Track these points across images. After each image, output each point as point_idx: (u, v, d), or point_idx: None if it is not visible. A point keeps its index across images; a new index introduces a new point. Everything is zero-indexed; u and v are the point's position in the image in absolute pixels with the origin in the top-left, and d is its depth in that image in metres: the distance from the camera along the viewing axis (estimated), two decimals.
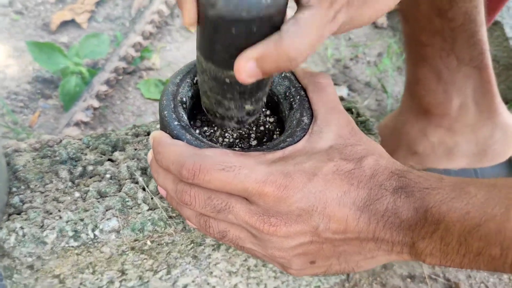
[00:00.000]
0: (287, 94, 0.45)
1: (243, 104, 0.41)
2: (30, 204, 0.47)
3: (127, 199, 0.48)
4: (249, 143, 0.47)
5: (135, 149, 0.52)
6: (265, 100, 0.44)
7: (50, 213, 0.46)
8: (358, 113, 0.59)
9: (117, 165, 0.51)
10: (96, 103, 0.89)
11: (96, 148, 0.52)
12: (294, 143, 0.40)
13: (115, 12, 1.12)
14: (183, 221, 0.48)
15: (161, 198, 0.48)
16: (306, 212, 0.36)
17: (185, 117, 0.43)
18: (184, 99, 0.44)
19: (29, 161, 0.50)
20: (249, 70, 0.33)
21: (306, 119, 0.42)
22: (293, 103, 0.44)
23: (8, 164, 0.50)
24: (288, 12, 0.35)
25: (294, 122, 0.43)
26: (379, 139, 0.56)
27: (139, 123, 0.56)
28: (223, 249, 0.55)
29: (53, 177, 0.49)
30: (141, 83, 0.99)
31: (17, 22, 1.08)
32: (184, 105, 0.44)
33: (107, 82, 0.93)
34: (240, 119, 0.43)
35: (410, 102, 0.72)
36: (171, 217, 0.47)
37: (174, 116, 0.42)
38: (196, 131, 0.46)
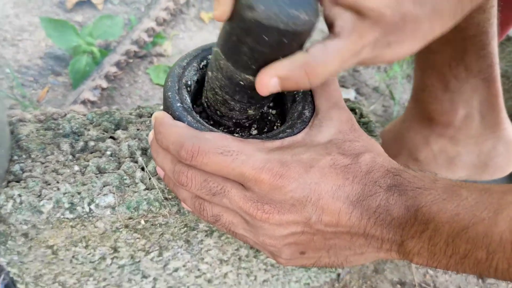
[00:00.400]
0: None
1: (247, 108, 0.42)
2: (30, 173, 0.47)
3: (125, 177, 0.48)
4: (250, 132, 0.47)
5: (138, 129, 0.53)
6: (264, 108, 0.45)
7: (49, 184, 0.47)
8: (361, 114, 0.59)
9: (118, 143, 0.51)
10: (104, 84, 0.90)
11: (100, 125, 0.53)
12: (294, 134, 0.41)
13: None
14: (178, 204, 0.48)
15: (158, 179, 0.49)
16: (299, 202, 0.37)
17: (188, 100, 0.43)
18: (189, 82, 0.44)
19: (32, 132, 0.51)
20: (271, 86, 0.35)
21: (307, 112, 0.43)
22: (296, 96, 0.45)
23: (12, 132, 0.50)
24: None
25: (296, 114, 0.43)
26: (380, 141, 0.56)
27: (144, 105, 0.57)
28: (216, 236, 0.55)
29: (54, 149, 0.50)
30: (151, 68, 0.99)
31: None
32: (189, 88, 0.44)
33: (117, 64, 0.93)
34: (239, 121, 0.44)
35: (415, 109, 0.72)
36: (167, 198, 0.48)
37: (177, 97, 0.42)
38: (198, 115, 0.46)
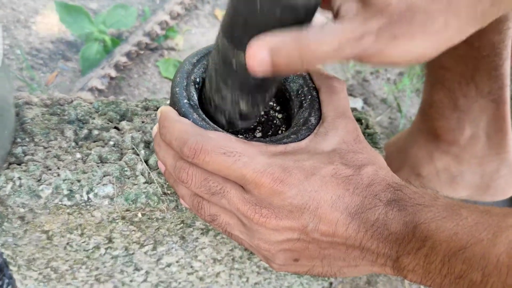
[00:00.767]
0: (299, 92, 0.46)
1: (239, 99, 0.41)
2: (32, 157, 0.47)
3: (126, 169, 0.48)
4: (254, 134, 0.47)
5: (143, 122, 0.53)
6: (259, 112, 0.44)
7: (49, 169, 0.47)
8: (367, 125, 0.59)
9: (122, 134, 0.51)
10: (113, 73, 0.90)
11: (105, 114, 0.53)
12: (298, 140, 0.41)
13: None
14: (177, 200, 0.48)
15: (159, 173, 0.49)
16: (298, 209, 0.36)
17: (196, 97, 0.43)
18: (198, 79, 0.44)
19: (37, 115, 0.51)
20: (261, 59, 0.33)
21: (313, 120, 0.43)
22: (303, 101, 0.45)
23: (17, 115, 0.50)
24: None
25: (301, 120, 0.43)
26: (384, 153, 0.56)
27: (151, 98, 0.57)
28: (211, 234, 0.55)
29: (58, 134, 0.50)
30: (161, 61, 0.99)
31: None
32: (197, 85, 0.44)
33: (128, 54, 0.94)
34: (231, 117, 0.43)
35: (421, 124, 0.72)
36: (166, 193, 0.48)
37: (184, 94, 0.42)
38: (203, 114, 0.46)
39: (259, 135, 0.47)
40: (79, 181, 0.46)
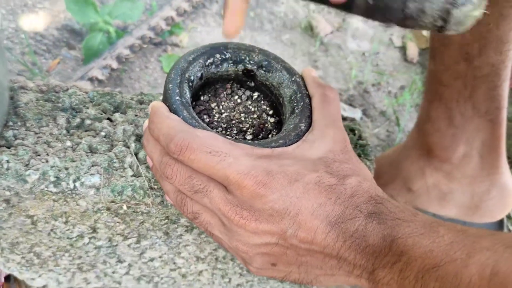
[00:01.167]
0: (292, 98, 0.46)
1: None
2: (22, 141, 0.47)
3: (114, 160, 0.48)
4: (244, 136, 0.47)
5: (136, 115, 0.53)
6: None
7: (38, 155, 0.47)
8: (360, 136, 0.59)
9: (114, 125, 0.51)
10: (115, 64, 0.90)
11: (99, 105, 0.53)
12: (286, 145, 0.41)
13: None
14: (162, 195, 0.48)
15: (147, 168, 0.49)
16: (278, 213, 0.36)
17: (188, 95, 0.43)
18: (192, 77, 0.45)
19: (32, 101, 0.51)
20: None
21: (303, 126, 0.43)
22: (295, 108, 0.45)
23: (12, 98, 0.51)
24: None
25: (291, 126, 0.43)
26: (374, 166, 0.56)
27: (146, 93, 0.57)
28: (195, 233, 0.55)
29: (50, 121, 0.50)
30: (163, 56, 1.00)
31: None
32: (191, 83, 0.44)
33: (131, 47, 0.94)
34: (440, 13, 0.34)
35: (416, 139, 0.72)
36: (152, 188, 0.48)
37: (177, 91, 0.42)
38: (194, 112, 0.46)
39: (249, 137, 0.47)
40: (66, 169, 0.47)
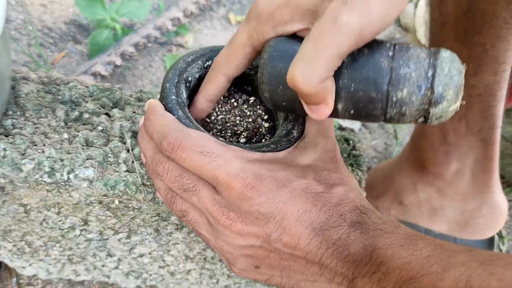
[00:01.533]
0: None
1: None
2: (20, 131, 0.48)
3: (109, 155, 0.49)
4: (238, 139, 0.48)
5: (134, 112, 0.54)
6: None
7: (35, 145, 0.48)
8: (354, 146, 0.59)
9: (112, 121, 0.52)
10: (119, 61, 0.91)
11: (98, 100, 0.54)
12: (277, 151, 0.42)
13: None
14: (154, 192, 0.49)
15: (141, 164, 0.50)
16: (264, 217, 0.37)
17: (184, 95, 0.44)
18: (190, 78, 0.45)
19: (32, 91, 0.52)
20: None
21: (295, 133, 0.43)
22: (289, 114, 0.46)
23: (13, 88, 0.52)
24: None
25: (284, 132, 0.44)
26: (366, 176, 0.56)
27: (146, 91, 0.58)
28: (185, 231, 0.56)
29: (49, 113, 0.51)
30: (168, 56, 1.01)
31: None
32: (188, 84, 0.45)
33: (136, 45, 0.95)
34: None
35: (410, 153, 0.73)
36: (145, 184, 0.49)
37: (174, 90, 0.43)
38: (189, 112, 0.47)
39: (243, 140, 0.48)
40: (62, 160, 0.47)
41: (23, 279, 0.70)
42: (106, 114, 0.53)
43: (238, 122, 0.49)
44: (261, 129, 0.49)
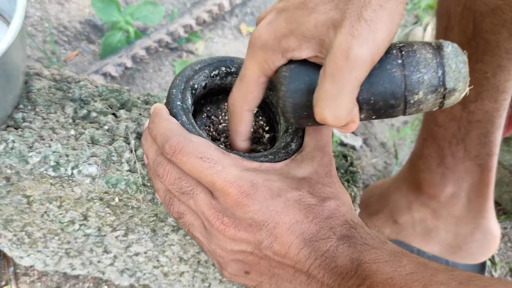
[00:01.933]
0: None
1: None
2: (29, 124, 0.50)
3: (113, 154, 0.51)
4: None
5: (140, 114, 0.55)
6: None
7: (43, 139, 0.50)
8: (351, 163, 0.61)
9: (118, 121, 0.54)
10: (129, 63, 0.94)
11: (107, 100, 0.56)
12: (274, 161, 0.43)
13: None
14: (154, 193, 0.51)
15: (143, 165, 0.51)
16: (257, 224, 0.39)
17: (190, 102, 0.46)
18: (196, 86, 0.47)
19: (44, 87, 0.54)
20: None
21: (294, 146, 0.45)
22: (289, 127, 0.47)
23: (26, 83, 0.53)
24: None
25: (283, 144, 0.45)
26: (361, 193, 0.58)
27: (153, 94, 0.60)
28: (181, 233, 0.57)
29: (58, 109, 0.53)
30: (177, 61, 1.03)
31: None
32: (194, 91, 0.47)
33: (147, 49, 0.97)
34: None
35: (408, 173, 0.74)
36: (145, 185, 0.50)
37: (179, 96, 0.45)
38: (192, 118, 0.48)
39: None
40: (67, 155, 0.49)
41: (20, 269, 0.71)
42: (113, 114, 0.55)
43: None
44: (262, 139, 0.51)
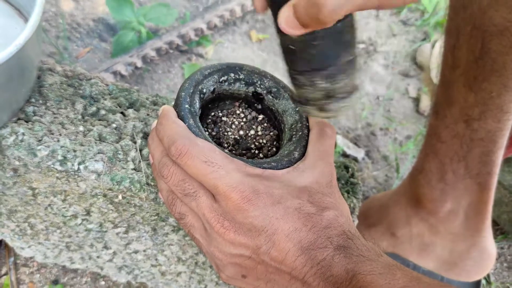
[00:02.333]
0: (292, 126, 0.49)
1: (314, 80, 0.40)
2: (39, 118, 0.51)
3: (119, 152, 0.52)
4: (243, 152, 0.50)
5: (148, 114, 0.56)
6: (349, 86, 0.41)
7: (52, 133, 0.51)
8: (352, 174, 0.62)
9: (126, 120, 0.55)
10: (139, 63, 0.95)
11: (116, 98, 0.57)
12: (277, 169, 0.44)
13: None
14: (157, 193, 0.51)
15: (148, 165, 0.52)
16: (256, 229, 0.39)
17: (197, 105, 0.47)
18: (205, 90, 0.48)
19: (56, 83, 0.55)
20: (287, 18, 0.36)
21: (297, 154, 0.46)
22: (293, 136, 0.48)
23: (39, 77, 0.55)
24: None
25: (286, 152, 0.46)
26: (360, 204, 0.58)
27: (161, 96, 0.61)
28: (181, 234, 0.58)
29: (69, 105, 0.54)
30: (187, 64, 1.04)
31: None
32: (202, 95, 0.48)
33: (158, 50, 0.98)
34: (322, 105, 0.42)
35: (408, 187, 0.75)
36: (149, 184, 0.51)
37: (188, 99, 0.46)
38: (199, 122, 0.49)
39: (248, 154, 0.51)
40: (75, 151, 0.50)
41: (20, 259, 0.72)
42: (122, 113, 0.56)
43: (244, 136, 0.51)
44: (266, 146, 0.52)
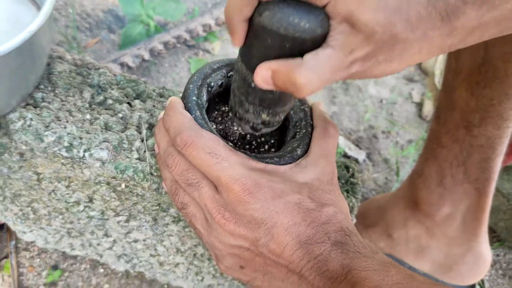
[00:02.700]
0: (296, 124, 0.50)
1: (260, 112, 0.45)
2: (47, 105, 0.52)
3: (124, 141, 0.53)
4: (246, 147, 0.51)
5: (154, 106, 0.57)
6: (281, 119, 0.47)
7: (59, 120, 0.52)
8: (353, 174, 0.62)
9: (132, 110, 0.56)
10: (147, 56, 0.96)
11: (123, 89, 0.58)
12: (279, 164, 0.45)
13: None
14: (159, 183, 0.52)
15: (152, 155, 0.53)
16: (256, 222, 0.40)
17: (205, 98, 0.48)
18: (213, 84, 0.49)
19: (65, 71, 0.56)
20: (264, 77, 0.38)
21: (299, 151, 0.47)
22: (297, 133, 0.49)
23: (48, 65, 0.55)
24: None
25: (289, 148, 0.47)
26: (359, 204, 0.59)
27: (168, 88, 0.62)
28: (181, 225, 0.59)
29: (77, 93, 0.55)
30: (194, 59, 1.05)
31: None
32: (210, 89, 0.49)
33: (165, 44, 0.99)
34: (255, 125, 0.47)
35: (407, 190, 0.75)
36: (152, 174, 0.52)
37: (196, 92, 0.47)
38: (206, 114, 0.50)
39: (252, 149, 0.51)
40: (81, 138, 0.51)
41: (21, 243, 0.73)
42: (128, 103, 0.57)
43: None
44: (270, 142, 0.53)
